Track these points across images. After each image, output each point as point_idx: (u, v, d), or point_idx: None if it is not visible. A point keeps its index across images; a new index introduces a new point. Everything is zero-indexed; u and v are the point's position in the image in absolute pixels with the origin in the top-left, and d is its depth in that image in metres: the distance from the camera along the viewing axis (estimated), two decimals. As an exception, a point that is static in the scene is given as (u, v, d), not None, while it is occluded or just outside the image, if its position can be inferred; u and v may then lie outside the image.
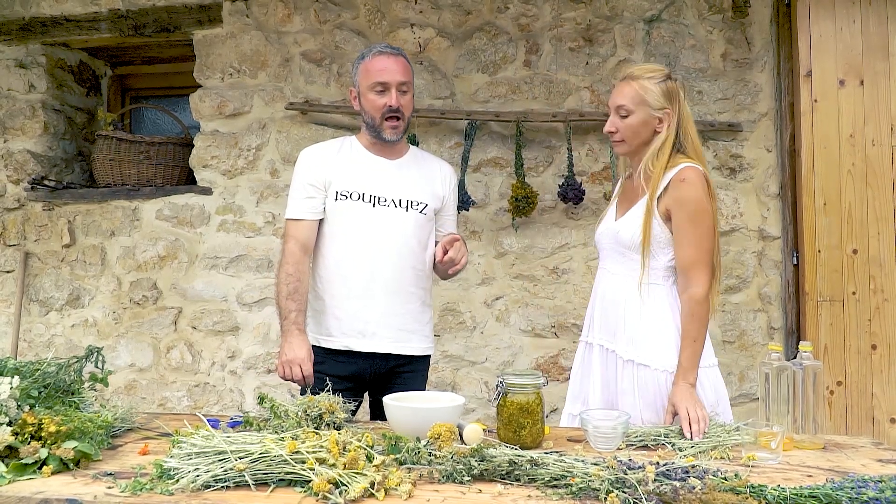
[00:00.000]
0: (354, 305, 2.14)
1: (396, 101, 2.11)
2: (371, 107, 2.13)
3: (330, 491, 1.21)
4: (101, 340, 3.54)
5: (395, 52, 2.16)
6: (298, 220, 2.17)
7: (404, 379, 2.19)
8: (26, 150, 3.68)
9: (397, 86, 2.11)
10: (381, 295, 2.14)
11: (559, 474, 1.31)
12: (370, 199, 2.15)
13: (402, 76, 2.12)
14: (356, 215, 2.14)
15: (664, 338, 1.90)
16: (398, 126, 2.14)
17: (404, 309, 2.17)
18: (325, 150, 2.24)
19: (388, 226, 2.15)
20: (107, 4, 3.61)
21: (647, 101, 1.90)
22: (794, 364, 1.70)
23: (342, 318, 2.15)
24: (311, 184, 2.16)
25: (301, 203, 2.17)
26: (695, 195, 1.86)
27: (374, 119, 2.14)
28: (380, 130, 2.14)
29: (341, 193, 2.15)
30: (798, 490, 1.24)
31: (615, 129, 1.95)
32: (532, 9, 3.32)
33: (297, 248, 2.15)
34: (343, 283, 2.15)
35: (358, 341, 2.14)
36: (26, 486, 1.30)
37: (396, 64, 2.12)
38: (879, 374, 2.90)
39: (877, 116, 2.95)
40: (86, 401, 1.71)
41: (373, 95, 2.12)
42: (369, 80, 2.12)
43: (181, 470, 1.29)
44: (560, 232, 3.28)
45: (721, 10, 3.20)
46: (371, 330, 2.14)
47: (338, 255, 2.16)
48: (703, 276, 1.85)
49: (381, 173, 2.19)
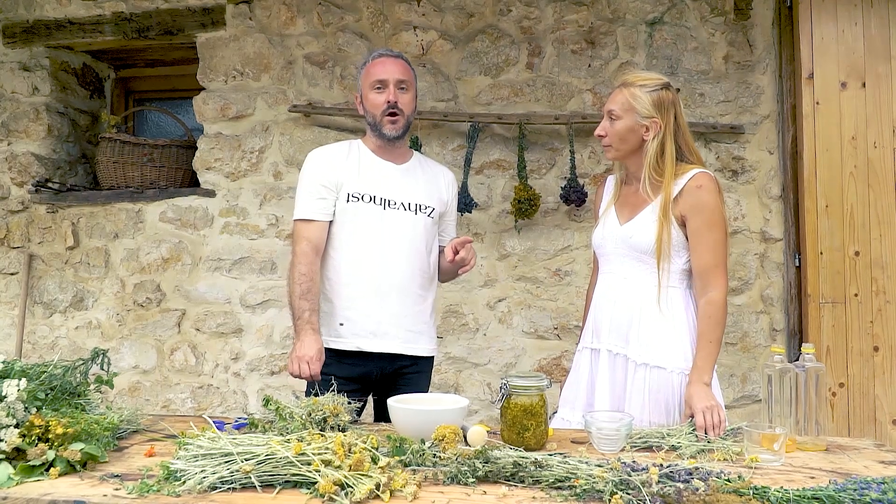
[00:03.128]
0: (367, 306, 2.16)
1: (394, 97, 2.14)
2: (371, 105, 2.18)
3: (335, 492, 1.22)
4: (104, 342, 3.55)
5: (394, 54, 2.22)
6: (310, 221, 2.17)
7: (409, 380, 2.22)
8: (30, 152, 3.69)
9: (395, 83, 2.15)
10: (393, 296, 2.16)
11: (563, 476, 1.32)
12: (381, 202, 2.18)
13: (399, 74, 2.17)
14: (368, 217, 2.17)
15: (680, 340, 1.92)
16: (397, 121, 2.16)
17: (414, 310, 2.20)
18: (334, 152, 2.25)
19: (399, 228, 2.18)
20: (110, 7, 3.63)
21: (635, 108, 1.93)
22: (797, 366, 1.71)
23: (354, 319, 2.16)
24: (322, 185, 2.17)
25: (312, 204, 2.18)
26: (712, 201, 1.90)
27: (374, 117, 2.18)
28: (380, 127, 2.17)
29: (353, 195, 2.17)
30: (801, 492, 1.24)
31: (604, 133, 1.99)
32: (534, 11, 3.33)
33: (309, 249, 2.15)
34: (355, 284, 2.17)
35: (369, 342, 2.16)
36: (34, 488, 1.31)
37: (395, 64, 2.18)
38: (881, 376, 2.91)
39: (878, 119, 2.95)
40: (92, 403, 1.72)
41: (372, 94, 2.17)
42: (369, 80, 2.18)
43: (188, 471, 1.29)
44: (562, 234, 3.29)
45: (723, 12, 3.21)
46: (383, 330, 2.16)
47: (350, 256, 2.17)
48: (720, 279, 1.89)
49: (389, 177, 2.22)
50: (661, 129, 1.93)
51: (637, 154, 1.98)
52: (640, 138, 1.95)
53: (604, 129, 1.99)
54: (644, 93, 1.93)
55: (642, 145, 1.96)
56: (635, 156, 1.98)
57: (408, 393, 1.85)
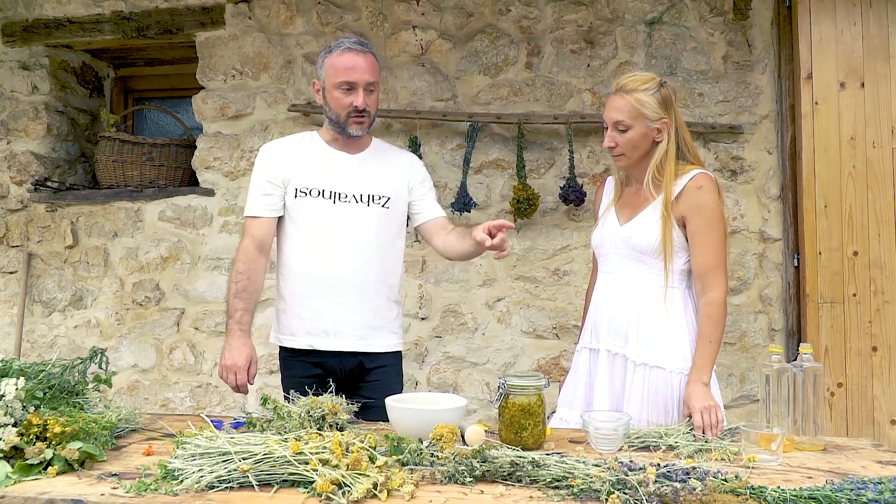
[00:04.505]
0: (318, 304, 2.10)
1: (363, 102, 2.05)
2: (336, 105, 2.08)
3: (333, 492, 1.22)
4: (103, 341, 3.55)
5: (363, 48, 2.08)
6: (255, 218, 2.14)
7: (376, 375, 2.14)
8: (29, 151, 3.69)
9: (365, 86, 2.06)
10: (345, 293, 2.09)
11: (560, 475, 1.32)
12: (330, 196, 2.11)
13: (370, 76, 2.06)
14: (316, 212, 2.10)
15: (680, 340, 1.92)
16: (364, 122, 2.09)
17: (369, 306, 2.12)
18: (284, 146, 2.20)
19: (349, 222, 2.10)
20: (110, 6, 3.63)
21: (644, 114, 1.91)
22: (795, 366, 1.71)
23: (305, 318, 2.12)
24: (268, 181, 2.13)
25: (258, 200, 2.14)
26: (712, 202, 1.91)
27: (338, 116, 2.09)
28: (344, 126, 2.09)
29: (300, 190, 2.11)
30: (797, 491, 1.24)
31: (615, 144, 1.95)
32: (533, 11, 3.33)
33: (251, 246, 2.13)
34: (305, 281, 2.11)
35: (322, 340, 2.10)
36: (31, 487, 1.31)
37: (365, 62, 2.06)
38: (880, 376, 2.91)
39: (877, 119, 2.95)
40: (90, 402, 1.72)
41: (338, 93, 2.06)
42: (336, 78, 2.05)
43: (185, 470, 1.30)
44: (561, 234, 3.29)
45: (722, 12, 3.21)
46: (336, 328, 2.10)
47: (299, 253, 2.13)
48: (720, 279, 1.90)
49: (341, 168, 2.14)
50: (670, 127, 1.93)
51: (646, 157, 1.97)
52: (651, 141, 1.95)
53: (613, 140, 1.95)
54: (649, 96, 1.91)
55: (651, 148, 1.96)
56: (644, 159, 1.98)
57: (377, 389, 1.82)
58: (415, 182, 2.22)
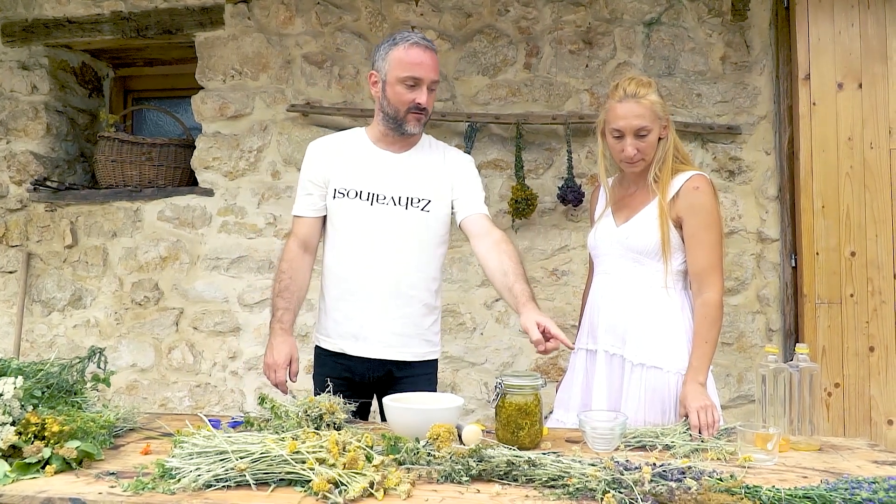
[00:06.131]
0: (348, 307, 2.07)
1: (426, 100, 2.02)
2: (398, 100, 2.01)
3: (330, 490, 1.23)
4: (102, 341, 3.55)
5: (430, 45, 2.03)
6: (299, 217, 2.15)
7: (406, 384, 2.05)
8: (29, 151, 3.69)
9: (429, 84, 2.02)
10: (374, 298, 2.05)
11: (556, 475, 1.32)
12: (368, 197, 2.06)
13: (435, 74, 2.02)
14: (352, 214, 2.07)
15: (676, 340, 1.92)
16: (422, 119, 2.05)
17: (399, 313, 2.06)
18: (328, 144, 2.17)
19: (385, 225, 2.05)
20: (109, 6, 3.63)
21: (658, 114, 1.93)
22: (791, 366, 1.72)
23: (339, 320, 2.09)
24: (310, 180, 2.13)
25: (302, 199, 2.15)
26: (708, 203, 1.92)
27: (397, 112, 2.03)
28: (402, 122, 2.03)
29: (339, 191, 2.09)
30: (792, 491, 1.25)
31: (637, 151, 1.93)
32: (532, 11, 3.33)
33: (295, 245, 2.13)
34: (339, 283, 2.09)
35: (351, 344, 2.07)
36: (30, 486, 1.31)
37: (432, 60, 2.02)
38: (877, 376, 2.91)
39: (875, 119, 2.96)
40: (88, 401, 1.72)
41: (401, 88, 2.00)
42: (401, 72, 1.99)
43: (183, 469, 1.30)
44: (560, 234, 3.30)
45: (720, 13, 3.21)
46: (364, 334, 2.06)
47: (336, 254, 2.11)
48: (716, 280, 1.90)
49: (382, 169, 2.09)
50: (670, 123, 1.96)
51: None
52: (658, 140, 1.96)
53: (635, 147, 1.92)
54: (657, 96, 1.93)
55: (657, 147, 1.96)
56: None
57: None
58: (458, 180, 2.13)
